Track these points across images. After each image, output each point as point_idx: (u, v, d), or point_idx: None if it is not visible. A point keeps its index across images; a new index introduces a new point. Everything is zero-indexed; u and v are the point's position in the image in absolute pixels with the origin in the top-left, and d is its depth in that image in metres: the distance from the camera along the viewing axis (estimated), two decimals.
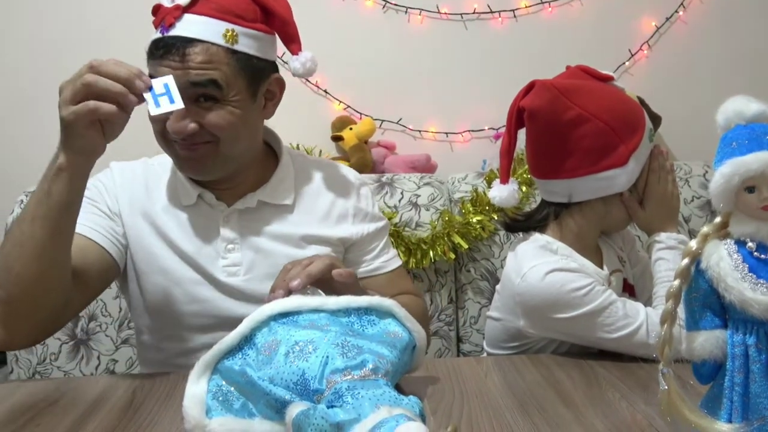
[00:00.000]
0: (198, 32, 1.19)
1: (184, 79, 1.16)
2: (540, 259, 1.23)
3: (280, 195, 1.33)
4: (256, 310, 0.92)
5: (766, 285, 0.62)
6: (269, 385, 0.85)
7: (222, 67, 1.19)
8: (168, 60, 1.18)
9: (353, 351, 0.86)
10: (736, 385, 0.64)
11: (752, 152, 0.63)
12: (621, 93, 1.31)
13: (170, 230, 1.30)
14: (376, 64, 2.18)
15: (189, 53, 1.17)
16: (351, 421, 0.74)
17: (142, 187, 1.34)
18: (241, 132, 1.25)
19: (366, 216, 1.39)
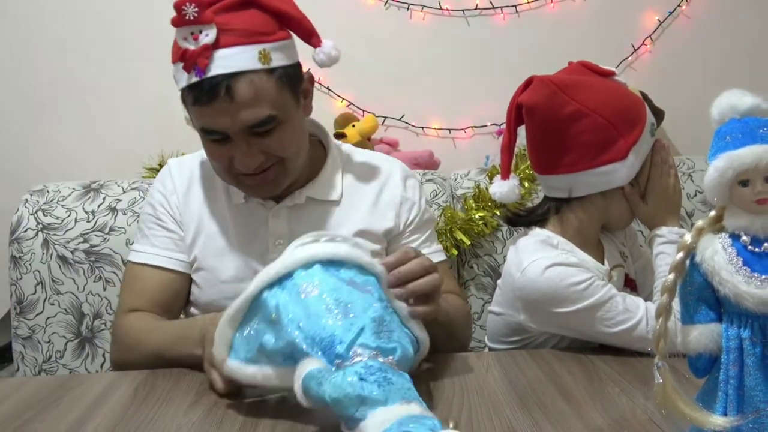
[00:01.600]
0: (235, 65, 1.16)
1: (240, 125, 1.17)
2: (540, 254, 1.23)
3: (327, 191, 1.35)
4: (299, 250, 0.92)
5: (760, 278, 0.62)
6: (295, 329, 0.84)
7: (268, 96, 1.18)
8: (217, 104, 1.16)
9: (386, 334, 0.85)
10: (730, 378, 0.64)
11: (746, 146, 0.63)
12: (621, 88, 1.31)
13: (220, 227, 1.33)
14: (378, 60, 2.18)
15: (236, 90, 1.15)
16: (377, 402, 0.74)
17: (199, 186, 1.37)
18: (299, 142, 1.27)
19: (412, 206, 1.39)
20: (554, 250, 1.25)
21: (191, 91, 1.18)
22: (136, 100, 2.14)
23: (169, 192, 1.36)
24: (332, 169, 1.37)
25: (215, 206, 1.35)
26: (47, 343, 1.76)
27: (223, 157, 1.22)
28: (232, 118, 1.17)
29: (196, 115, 1.21)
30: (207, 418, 0.96)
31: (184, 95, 1.22)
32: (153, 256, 1.33)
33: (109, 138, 2.15)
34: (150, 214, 1.37)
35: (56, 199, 1.82)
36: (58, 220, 1.79)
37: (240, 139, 1.19)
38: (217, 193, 1.36)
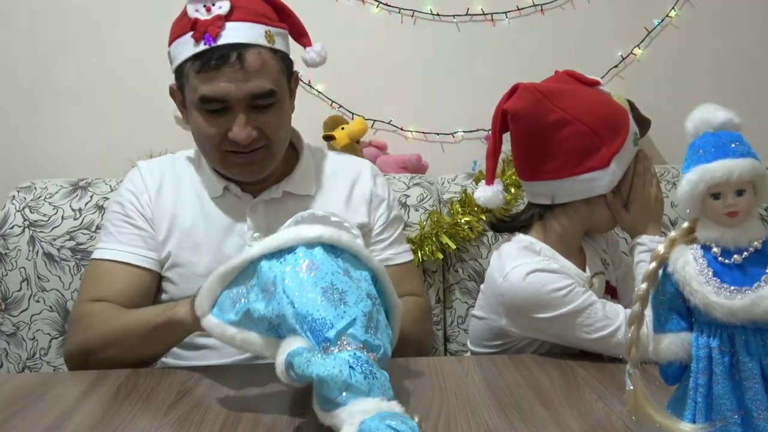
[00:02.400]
0: (246, 37, 1.23)
1: (245, 92, 1.22)
2: (522, 260, 1.25)
3: (303, 186, 1.39)
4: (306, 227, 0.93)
5: (729, 289, 0.64)
6: (289, 304, 0.86)
7: (273, 72, 1.25)
8: (227, 69, 1.21)
9: (374, 330, 0.87)
10: (700, 386, 0.65)
11: (718, 159, 0.64)
12: (605, 97, 1.32)
13: (196, 224, 1.34)
14: (368, 64, 2.19)
15: (246, 58, 1.21)
16: (360, 391, 0.77)
17: (171, 184, 1.38)
18: (287, 129, 1.34)
19: (382, 202, 1.43)
20: (536, 256, 1.27)
21: (198, 59, 1.22)
22: (124, 99, 2.14)
23: (140, 191, 1.37)
24: (306, 166, 1.41)
25: (189, 202, 1.36)
26: (32, 340, 1.76)
27: (218, 130, 1.25)
28: (237, 86, 1.21)
29: (199, 83, 1.22)
30: (189, 417, 0.97)
31: (185, 68, 1.24)
32: (120, 252, 1.32)
33: (98, 136, 2.14)
34: (117, 212, 1.37)
35: (43, 197, 1.82)
36: (45, 217, 1.79)
37: (239, 110, 1.23)
38: (192, 190, 1.37)
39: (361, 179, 1.43)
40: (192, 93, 1.26)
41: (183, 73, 1.27)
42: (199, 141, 1.31)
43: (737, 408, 0.64)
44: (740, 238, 0.65)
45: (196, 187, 1.38)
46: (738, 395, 0.64)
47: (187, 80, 1.26)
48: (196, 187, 1.38)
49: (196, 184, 1.38)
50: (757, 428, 0.63)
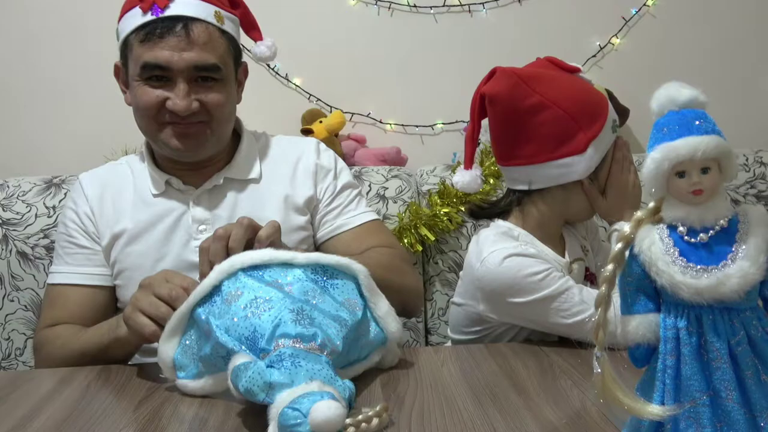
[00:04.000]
0: (195, 12, 1.24)
1: (188, 62, 1.21)
2: (500, 245, 1.24)
3: (245, 170, 1.37)
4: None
5: (696, 268, 0.63)
6: (224, 334, 0.89)
7: (219, 49, 1.25)
8: (172, 37, 1.21)
9: (306, 320, 0.89)
10: (668, 367, 0.64)
11: (682, 137, 0.63)
12: (584, 83, 1.32)
13: (139, 223, 1.33)
14: (346, 57, 2.18)
15: (193, 30, 1.22)
16: (283, 385, 0.78)
17: (112, 192, 1.37)
18: (230, 112, 1.32)
19: (328, 173, 1.41)
20: (514, 242, 1.26)
21: (143, 29, 1.22)
22: (99, 95, 2.10)
23: (80, 207, 1.37)
24: (248, 151, 1.39)
25: (131, 205, 1.35)
26: (6, 340, 1.74)
27: (156, 100, 1.24)
28: (181, 55, 1.21)
29: (142, 51, 1.22)
30: (159, 411, 0.96)
31: (129, 40, 1.24)
32: (70, 275, 1.34)
33: (72, 132, 2.12)
34: (62, 233, 1.38)
35: (17, 194, 1.79)
36: (18, 215, 1.76)
37: (181, 80, 1.23)
38: (134, 193, 1.36)
39: (305, 155, 1.41)
40: (134, 64, 1.25)
41: (128, 46, 1.26)
42: (138, 114, 1.29)
43: (705, 389, 0.63)
44: (706, 216, 0.63)
45: (138, 188, 1.36)
46: (706, 376, 0.63)
47: (130, 51, 1.26)
48: (138, 188, 1.36)
49: (139, 185, 1.36)
50: (726, 408, 0.63)
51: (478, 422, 0.90)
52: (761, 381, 0.63)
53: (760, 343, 0.63)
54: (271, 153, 1.42)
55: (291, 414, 0.74)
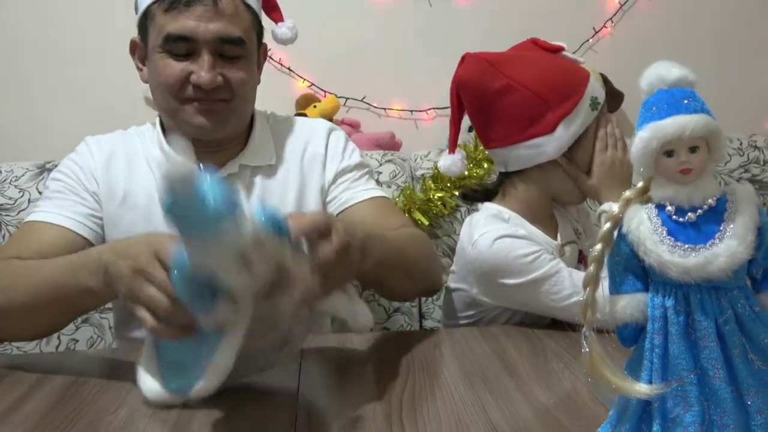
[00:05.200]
0: None
1: (214, 33, 1.17)
2: (490, 227, 1.25)
3: (260, 156, 1.33)
4: None
5: (683, 248, 0.62)
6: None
7: (245, 23, 1.21)
8: (198, 7, 1.16)
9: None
10: (655, 347, 0.64)
11: (670, 116, 0.63)
12: (563, 62, 1.31)
13: (148, 200, 1.27)
14: (340, 41, 2.16)
15: (221, 0, 1.17)
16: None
17: (122, 160, 1.31)
18: (252, 91, 1.29)
19: (335, 156, 1.37)
20: (504, 224, 1.27)
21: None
22: (92, 81, 2.10)
23: (86, 165, 1.30)
24: (261, 134, 1.35)
25: (143, 178, 1.30)
26: None
27: (180, 73, 1.19)
28: (207, 26, 1.17)
29: (166, 21, 1.17)
30: None
31: (151, 10, 1.19)
32: (54, 215, 1.22)
33: (65, 118, 2.10)
34: (57, 180, 1.29)
35: (9, 180, 1.79)
36: (11, 200, 1.76)
37: (206, 52, 1.18)
38: (146, 165, 1.31)
39: (314, 139, 1.38)
40: (156, 35, 1.20)
41: (148, 16, 1.21)
42: (158, 89, 1.23)
43: (693, 368, 0.63)
44: (694, 195, 0.63)
45: (151, 163, 1.31)
46: (694, 355, 0.63)
47: (152, 22, 1.20)
48: (151, 163, 1.31)
49: (151, 160, 1.32)
50: (713, 387, 0.63)
51: (469, 403, 0.90)
52: (748, 359, 0.63)
53: (747, 322, 0.63)
54: (284, 136, 1.37)
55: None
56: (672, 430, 0.64)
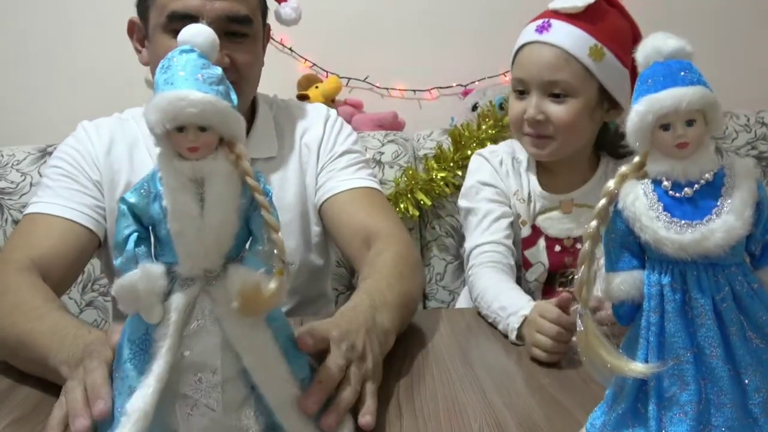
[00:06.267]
0: None
1: (220, 11, 1.13)
2: None
3: (263, 147, 1.29)
4: None
5: (680, 223, 0.61)
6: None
7: (251, 1, 1.18)
8: None
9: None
10: (651, 324, 0.63)
11: (666, 89, 0.61)
12: None
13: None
14: (341, 21, 2.14)
15: None
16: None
17: (123, 147, 1.27)
18: (258, 74, 1.24)
19: (327, 143, 1.33)
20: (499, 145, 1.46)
21: None
22: (93, 64, 2.09)
23: (86, 152, 1.25)
24: (264, 123, 1.32)
25: (144, 170, 1.21)
26: None
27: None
28: (213, 4, 1.13)
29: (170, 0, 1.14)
30: None
31: None
32: (60, 207, 1.18)
33: (67, 101, 2.10)
34: (57, 166, 1.24)
35: (11, 164, 1.78)
36: (13, 184, 1.76)
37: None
38: (146, 152, 1.27)
39: (312, 128, 1.34)
40: (158, 14, 1.16)
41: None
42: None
43: (690, 346, 0.62)
44: (691, 170, 0.62)
45: (151, 150, 1.26)
46: (690, 333, 0.62)
47: (153, 2, 1.17)
48: (151, 150, 1.26)
49: (152, 147, 1.23)
50: (710, 366, 0.61)
51: (467, 383, 0.90)
52: (746, 337, 0.62)
53: (745, 299, 0.62)
54: (284, 125, 1.34)
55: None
56: (668, 409, 0.63)
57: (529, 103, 1.24)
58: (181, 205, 0.65)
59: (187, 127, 0.64)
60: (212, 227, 0.65)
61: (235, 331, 0.67)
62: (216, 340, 0.67)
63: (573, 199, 1.32)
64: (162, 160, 0.66)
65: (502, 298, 1.09)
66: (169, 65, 0.66)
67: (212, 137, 0.66)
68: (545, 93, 1.23)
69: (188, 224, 0.65)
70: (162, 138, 0.65)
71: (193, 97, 0.63)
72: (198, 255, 0.66)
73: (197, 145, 0.65)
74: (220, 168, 0.66)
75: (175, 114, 0.63)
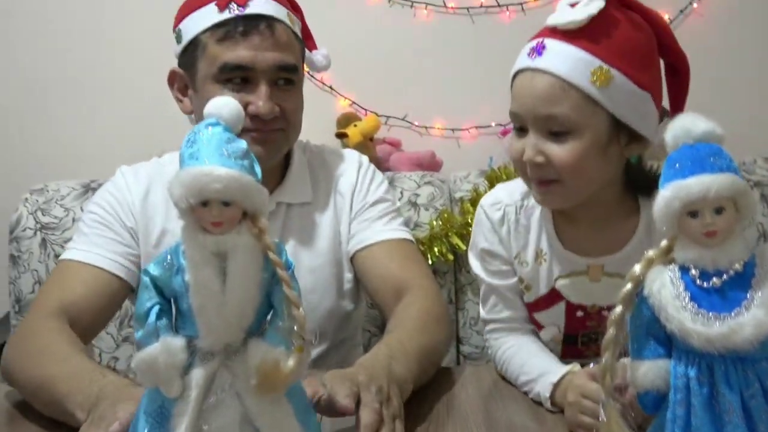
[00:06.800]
0: (274, 11, 1.19)
1: (272, 62, 1.16)
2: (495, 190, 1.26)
3: (298, 192, 1.30)
4: None
5: (707, 315, 0.59)
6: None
7: (296, 51, 1.22)
8: (255, 36, 1.16)
9: None
10: (677, 417, 0.61)
11: (694, 175, 0.60)
12: None
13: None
14: (382, 59, 2.15)
15: (276, 28, 1.18)
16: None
17: (161, 195, 1.28)
18: (301, 118, 1.26)
19: (360, 191, 1.33)
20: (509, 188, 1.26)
21: (222, 27, 1.16)
22: (137, 100, 2.13)
23: (123, 198, 1.27)
24: (299, 168, 1.32)
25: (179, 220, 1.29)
26: None
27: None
28: (265, 55, 1.16)
29: (222, 51, 1.16)
30: None
31: (201, 40, 1.18)
32: (93, 255, 1.20)
33: (111, 136, 2.15)
34: (93, 212, 1.26)
35: (55, 199, 1.82)
36: (57, 219, 1.79)
37: (263, 82, 1.17)
38: None
39: (344, 176, 1.33)
40: (209, 65, 1.18)
41: (198, 46, 1.19)
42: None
43: None
44: (720, 259, 0.60)
45: None
46: (717, 428, 0.60)
47: (203, 52, 1.19)
48: None
49: None
50: None
51: None
52: None
53: None
54: (319, 170, 1.34)
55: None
56: None
57: (527, 142, 1.02)
58: (203, 279, 0.65)
59: (211, 202, 0.65)
60: (234, 302, 0.66)
61: (255, 406, 0.67)
62: (235, 415, 0.67)
63: (604, 265, 1.09)
64: (186, 234, 0.67)
65: (527, 369, 1.05)
66: (194, 139, 0.67)
67: (236, 212, 0.66)
68: (543, 130, 1.00)
69: (210, 299, 0.65)
70: (186, 212, 0.66)
71: (217, 173, 0.64)
72: (219, 330, 0.66)
73: (221, 220, 0.65)
74: (244, 242, 0.66)
75: (199, 189, 0.64)
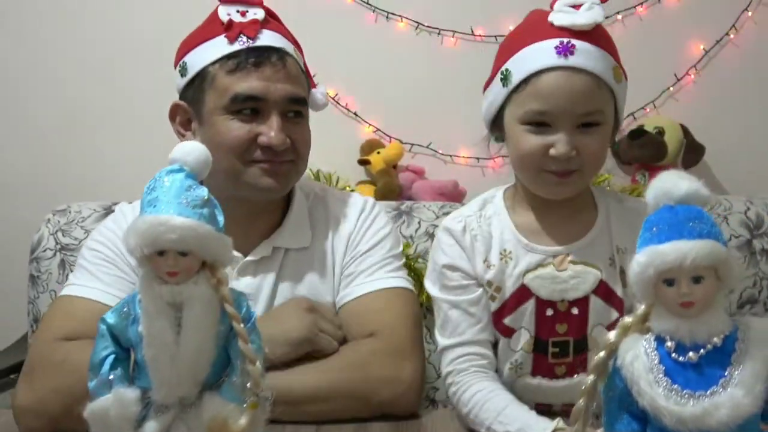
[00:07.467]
0: (283, 44, 1.19)
1: (284, 94, 1.16)
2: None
3: (296, 238, 1.24)
4: None
5: (681, 393, 0.54)
6: None
7: (304, 84, 1.21)
8: (267, 67, 1.15)
9: None
10: None
11: (671, 240, 0.55)
12: None
13: None
14: (407, 86, 2.13)
15: (288, 62, 1.17)
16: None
17: None
18: (309, 152, 1.24)
19: (354, 239, 1.26)
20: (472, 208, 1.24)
21: (232, 58, 1.15)
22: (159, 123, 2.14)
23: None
24: (298, 212, 1.27)
25: None
26: None
27: (248, 135, 1.14)
28: (276, 86, 1.15)
29: (232, 82, 1.14)
30: None
31: (210, 72, 1.16)
32: (99, 292, 1.17)
33: (134, 158, 2.16)
34: (96, 250, 1.23)
35: (76, 220, 1.83)
36: (76, 241, 1.80)
37: (274, 113, 1.15)
38: None
39: (345, 221, 1.27)
40: (218, 96, 1.16)
41: (206, 78, 1.17)
42: (220, 151, 1.13)
43: None
44: (698, 331, 0.55)
45: None
46: None
47: (211, 84, 1.17)
48: None
49: None
50: None
51: None
52: None
53: None
54: (320, 216, 1.28)
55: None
56: None
57: (556, 138, 1.03)
58: (156, 330, 0.63)
59: (167, 252, 0.63)
60: (187, 355, 0.63)
61: None
62: None
63: (569, 254, 1.08)
64: (142, 284, 0.65)
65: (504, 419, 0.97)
66: (154, 186, 0.65)
67: (193, 262, 0.64)
68: (575, 125, 1.03)
69: (162, 351, 0.63)
70: (142, 261, 0.64)
71: (173, 223, 0.62)
72: (172, 382, 0.64)
73: (176, 270, 0.63)
74: (200, 293, 0.64)
75: (154, 239, 0.62)
